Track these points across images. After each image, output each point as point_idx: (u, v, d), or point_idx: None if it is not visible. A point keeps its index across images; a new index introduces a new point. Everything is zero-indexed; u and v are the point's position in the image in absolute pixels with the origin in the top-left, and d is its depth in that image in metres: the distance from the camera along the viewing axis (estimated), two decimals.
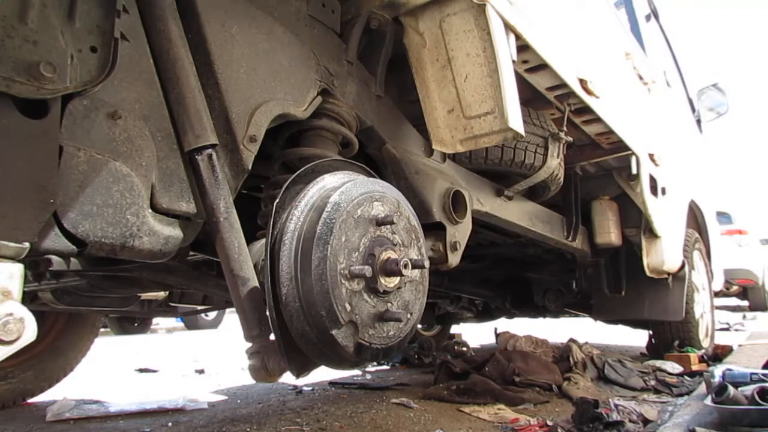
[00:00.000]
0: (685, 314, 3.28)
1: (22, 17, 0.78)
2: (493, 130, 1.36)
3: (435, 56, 1.43)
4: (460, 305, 4.19)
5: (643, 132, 2.70)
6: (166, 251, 0.99)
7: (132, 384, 3.34)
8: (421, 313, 1.22)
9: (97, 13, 0.89)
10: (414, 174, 1.58)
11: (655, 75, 3.21)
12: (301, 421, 2.07)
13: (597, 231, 2.90)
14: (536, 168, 2.05)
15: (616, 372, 2.84)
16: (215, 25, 1.09)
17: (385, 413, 2.16)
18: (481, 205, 1.95)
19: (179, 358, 4.64)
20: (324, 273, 0.99)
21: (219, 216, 1.02)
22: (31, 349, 2.40)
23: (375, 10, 1.44)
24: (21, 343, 0.73)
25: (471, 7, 1.34)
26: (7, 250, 0.74)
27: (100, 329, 2.84)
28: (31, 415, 2.32)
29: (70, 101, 0.85)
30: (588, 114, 2.18)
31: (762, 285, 9.09)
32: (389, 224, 1.13)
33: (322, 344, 1.03)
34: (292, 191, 1.14)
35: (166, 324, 9.60)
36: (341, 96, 1.39)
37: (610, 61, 2.42)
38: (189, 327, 8.80)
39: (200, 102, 1.02)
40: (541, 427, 1.93)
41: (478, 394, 2.37)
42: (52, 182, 0.80)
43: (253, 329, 1.03)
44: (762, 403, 1.51)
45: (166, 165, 0.98)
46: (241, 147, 1.10)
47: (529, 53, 1.64)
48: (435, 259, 1.65)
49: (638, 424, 1.91)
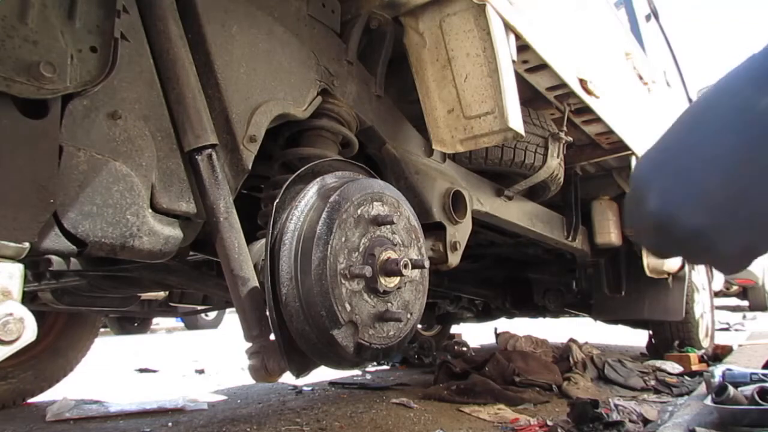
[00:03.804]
0: (685, 314, 3.28)
1: (22, 17, 0.78)
2: (493, 130, 1.36)
3: (435, 56, 1.43)
4: (460, 305, 4.19)
5: (643, 132, 2.70)
6: (166, 251, 0.99)
7: (132, 384, 3.34)
8: (421, 313, 1.22)
9: (97, 13, 0.89)
10: (414, 174, 1.58)
11: (655, 75, 3.20)
12: (301, 421, 2.07)
13: (597, 231, 2.90)
14: (536, 168, 2.05)
15: (616, 372, 2.84)
16: (215, 25, 1.09)
17: (385, 413, 2.16)
18: (481, 205, 1.95)
19: (179, 358, 4.64)
20: (324, 273, 0.99)
21: (219, 216, 1.02)
22: (31, 349, 2.40)
23: (375, 10, 1.44)
24: (21, 343, 0.73)
25: (471, 7, 1.34)
26: (7, 250, 0.74)
27: (100, 329, 2.84)
28: (31, 415, 2.32)
29: (70, 101, 0.84)
30: (588, 114, 2.18)
31: (762, 285, 9.08)
32: (389, 224, 1.13)
33: (322, 344, 1.03)
34: (292, 191, 1.14)
35: (166, 324, 9.60)
36: (341, 96, 1.39)
37: (610, 61, 2.42)
38: (189, 327, 8.79)
39: (200, 102, 1.02)
40: (541, 427, 1.93)
41: (478, 394, 2.37)
42: (52, 182, 0.80)
43: (253, 329, 1.03)
44: (762, 403, 1.51)
45: (166, 165, 0.98)
46: (241, 147, 1.10)
47: (529, 53, 1.64)
48: (435, 259, 1.65)
49: (638, 424, 1.91)
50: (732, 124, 0.41)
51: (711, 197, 0.41)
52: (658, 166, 0.45)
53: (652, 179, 0.44)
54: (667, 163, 0.44)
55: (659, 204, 0.43)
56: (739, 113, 0.41)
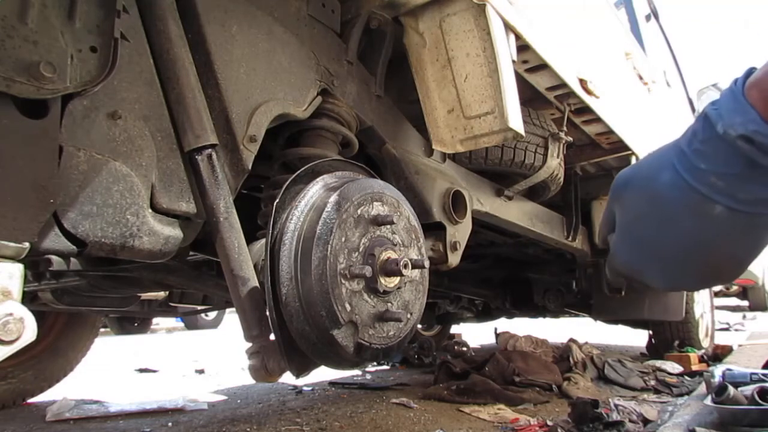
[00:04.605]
0: (685, 314, 3.28)
1: (22, 17, 0.78)
2: (493, 130, 1.36)
3: (435, 56, 1.43)
4: (460, 305, 4.19)
5: (643, 132, 2.70)
6: (166, 251, 0.99)
7: (132, 384, 3.34)
8: (421, 313, 1.22)
9: (97, 13, 0.89)
10: (414, 174, 1.58)
11: (655, 75, 3.21)
12: (301, 421, 2.07)
13: (597, 231, 2.89)
14: (536, 168, 2.05)
15: (616, 372, 2.84)
16: (215, 25, 1.09)
17: (385, 413, 2.16)
18: (481, 205, 1.95)
19: (179, 358, 4.64)
20: (324, 273, 0.99)
21: (219, 216, 1.02)
22: (31, 349, 2.40)
23: (375, 10, 1.44)
24: (21, 343, 0.73)
25: (471, 7, 1.34)
26: (7, 250, 0.74)
27: (100, 329, 2.84)
28: (31, 415, 2.32)
29: (70, 101, 0.84)
30: (588, 114, 2.18)
31: (762, 285, 9.08)
32: (389, 224, 1.12)
33: (322, 344, 1.03)
34: (292, 191, 1.14)
35: (166, 324, 9.60)
36: (341, 96, 1.39)
37: (610, 61, 2.42)
38: (189, 327, 8.80)
39: (200, 102, 1.02)
40: (541, 427, 1.93)
41: (478, 394, 2.37)
42: (52, 182, 0.80)
43: (253, 329, 1.03)
44: (762, 403, 1.51)
45: (166, 165, 0.98)
46: (241, 147, 1.10)
47: (529, 53, 1.64)
48: (435, 259, 1.65)
49: (638, 424, 1.91)
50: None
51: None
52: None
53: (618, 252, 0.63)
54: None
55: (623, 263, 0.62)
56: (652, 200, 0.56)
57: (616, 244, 0.60)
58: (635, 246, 0.57)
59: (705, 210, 0.49)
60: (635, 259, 0.57)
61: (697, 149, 0.49)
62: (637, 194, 0.56)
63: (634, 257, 0.57)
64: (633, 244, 0.57)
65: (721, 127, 0.46)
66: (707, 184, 0.48)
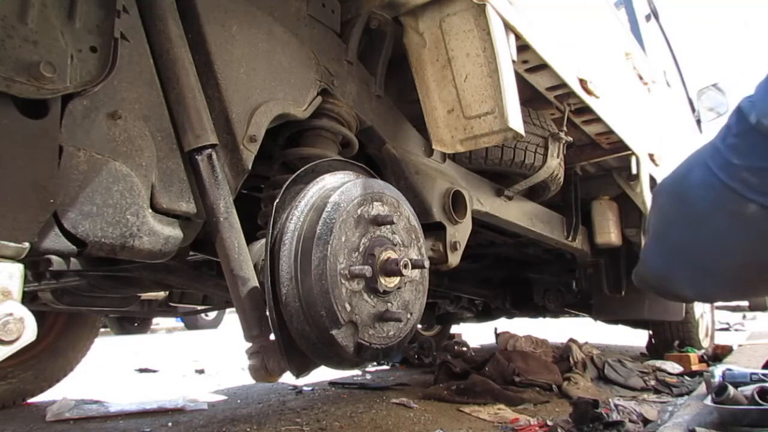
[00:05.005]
0: (685, 314, 3.28)
1: (22, 17, 0.78)
2: (493, 130, 1.36)
3: (435, 56, 1.43)
4: (460, 305, 4.19)
5: (643, 132, 2.70)
6: (166, 251, 0.99)
7: (132, 384, 3.34)
8: (421, 313, 1.22)
9: (97, 13, 0.89)
10: (414, 174, 1.58)
11: (655, 75, 3.20)
12: (301, 421, 2.07)
13: (597, 231, 2.90)
14: (536, 168, 2.05)
15: (616, 372, 2.84)
16: (215, 25, 1.09)
17: (385, 413, 2.16)
18: (481, 205, 1.95)
19: (179, 358, 4.64)
20: (324, 273, 0.99)
21: (219, 216, 1.02)
22: (31, 349, 2.40)
23: (375, 10, 1.44)
24: (21, 343, 0.73)
25: (471, 7, 1.34)
26: (7, 250, 0.74)
27: (100, 329, 2.84)
28: (31, 415, 2.32)
29: (70, 101, 0.84)
30: (588, 114, 2.18)
31: None
32: (389, 224, 1.12)
33: (322, 344, 1.03)
34: (292, 191, 1.14)
35: (166, 324, 9.60)
36: (341, 96, 1.39)
37: (610, 61, 2.42)
38: (189, 327, 8.80)
39: (200, 102, 1.02)
40: (541, 427, 1.93)
41: (478, 394, 2.37)
42: (52, 182, 0.80)
43: (253, 329, 1.03)
44: (762, 403, 1.51)
45: (166, 165, 0.98)
46: (241, 147, 1.10)
47: (529, 53, 1.64)
48: (435, 259, 1.65)
49: (638, 424, 1.91)
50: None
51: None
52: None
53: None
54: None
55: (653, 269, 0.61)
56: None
57: (646, 252, 0.57)
58: (665, 252, 0.54)
59: (738, 209, 0.46)
60: (664, 266, 0.54)
61: (731, 144, 0.47)
62: (668, 195, 0.54)
63: (664, 264, 0.54)
64: (663, 249, 0.54)
65: (755, 117, 0.44)
66: (740, 180, 0.45)
